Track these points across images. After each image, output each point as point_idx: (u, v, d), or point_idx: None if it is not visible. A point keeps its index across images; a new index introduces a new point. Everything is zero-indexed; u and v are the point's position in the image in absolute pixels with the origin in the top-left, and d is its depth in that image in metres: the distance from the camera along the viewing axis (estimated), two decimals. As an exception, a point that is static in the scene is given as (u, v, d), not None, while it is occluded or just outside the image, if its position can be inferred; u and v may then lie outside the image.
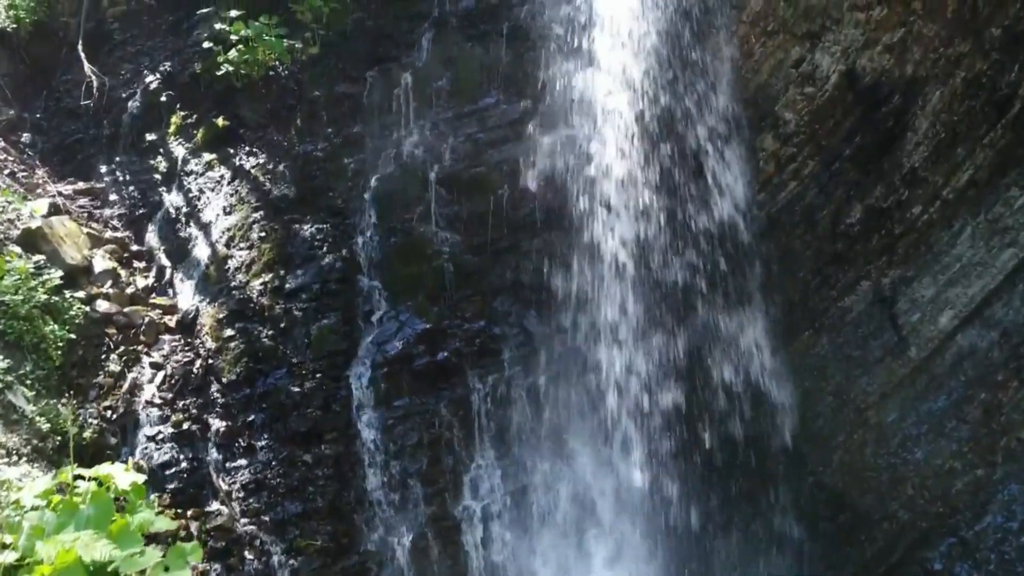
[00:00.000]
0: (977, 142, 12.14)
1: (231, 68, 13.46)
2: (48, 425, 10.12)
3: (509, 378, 11.99)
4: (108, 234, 13.28)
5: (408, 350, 11.76)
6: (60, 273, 11.44)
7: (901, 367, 12.52)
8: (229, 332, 11.83)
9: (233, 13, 13.87)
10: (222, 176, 13.42)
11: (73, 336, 11.12)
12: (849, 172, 12.62)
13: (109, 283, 12.24)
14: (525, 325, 12.34)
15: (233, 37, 13.55)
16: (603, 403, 11.99)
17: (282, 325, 11.77)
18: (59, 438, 10.06)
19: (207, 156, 13.74)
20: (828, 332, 12.86)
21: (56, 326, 10.94)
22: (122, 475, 5.02)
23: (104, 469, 5.02)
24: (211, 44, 13.85)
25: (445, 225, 12.53)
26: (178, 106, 14.38)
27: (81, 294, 11.70)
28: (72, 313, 11.27)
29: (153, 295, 12.74)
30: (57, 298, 11.20)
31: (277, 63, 13.72)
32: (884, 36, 12.14)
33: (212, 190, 13.35)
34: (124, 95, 14.83)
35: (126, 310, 12.01)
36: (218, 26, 13.85)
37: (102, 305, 11.91)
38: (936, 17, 11.88)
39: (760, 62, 12.83)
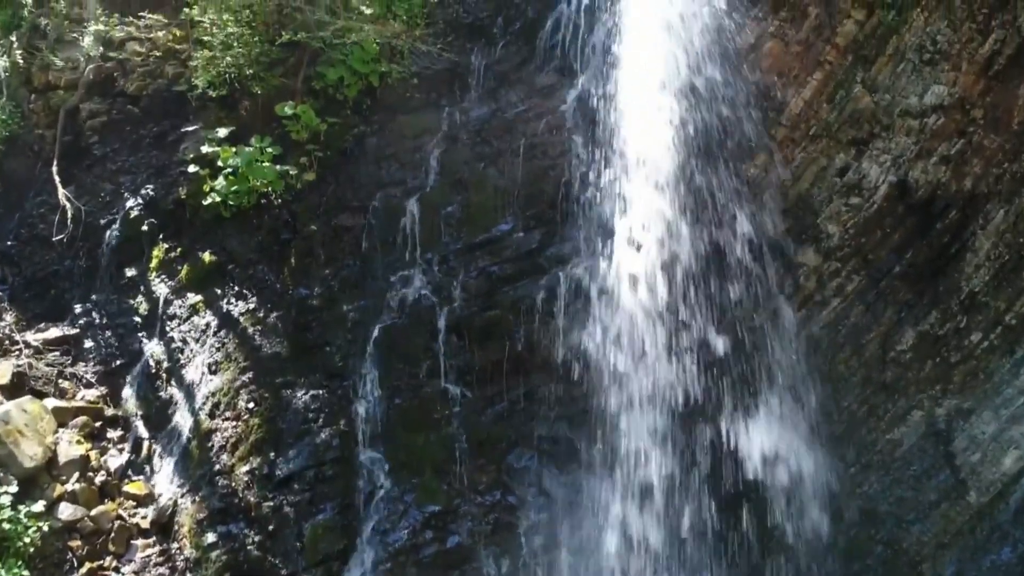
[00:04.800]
0: (1045, 265, 10.66)
1: (219, 199, 11.58)
2: None
3: (527, 556, 10.21)
4: (80, 396, 11.57)
5: (414, 539, 10.02)
6: (15, 489, 9.64)
7: (960, 514, 11.02)
8: (211, 538, 10.02)
9: (221, 132, 11.99)
10: (208, 324, 11.64)
11: (27, 573, 9.26)
12: (899, 291, 11.24)
13: (76, 476, 10.48)
14: (545, 486, 10.61)
15: (220, 163, 11.66)
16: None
17: (271, 527, 9.96)
18: None
19: (192, 298, 11.99)
20: (877, 469, 11.29)
21: (4, 569, 9.04)
22: None
23: None
24: (197, 168, 12.06)
25: (455, 379, 10.84)
26: (161, 236, 12.63)
27: (40, 506, 9.83)
28: (28, 540, 9.44)
29: (128, 473, 11.02)
30: (10, 525, 9.37)
31: (269, 190, 11.74)
32: (940, 146, 10.84)
33: (197, 341, 11.58)
34: (103, 221, 13.08)
35: (93, 512, 10.25)
36: (205, 148, 12.05)
37: (66, 511, 10.14)
38: (999, 128, 10.74)
39: (801, 169, 11.50)
